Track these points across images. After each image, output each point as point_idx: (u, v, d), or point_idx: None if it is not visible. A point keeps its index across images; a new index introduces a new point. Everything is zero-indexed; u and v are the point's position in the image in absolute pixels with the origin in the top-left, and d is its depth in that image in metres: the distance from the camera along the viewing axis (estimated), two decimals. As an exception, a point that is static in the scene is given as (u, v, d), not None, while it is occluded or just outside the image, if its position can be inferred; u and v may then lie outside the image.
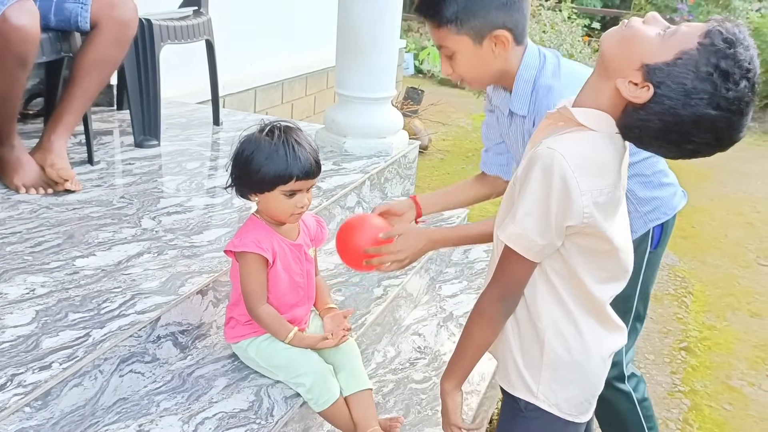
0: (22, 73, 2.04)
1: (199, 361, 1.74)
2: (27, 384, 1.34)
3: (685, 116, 1.04)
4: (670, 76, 1.03)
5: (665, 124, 1.06)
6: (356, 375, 1.70)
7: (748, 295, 3.75)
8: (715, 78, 1.01)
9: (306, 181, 1.56)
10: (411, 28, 10.20)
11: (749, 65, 1.03)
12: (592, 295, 1.23)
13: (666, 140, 1.10)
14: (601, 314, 1.27)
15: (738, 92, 1.02)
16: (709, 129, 1.05)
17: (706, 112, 1.03)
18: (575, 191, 1.09)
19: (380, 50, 2.92)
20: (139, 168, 2.54)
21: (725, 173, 5.93)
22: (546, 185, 1.10)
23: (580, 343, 1.25)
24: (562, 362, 1.25)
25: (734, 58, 1.02)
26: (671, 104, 1.04)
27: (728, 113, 1.03)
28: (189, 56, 3.21)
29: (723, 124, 1.04)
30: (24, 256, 1.80)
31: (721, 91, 1.02)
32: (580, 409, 1.31)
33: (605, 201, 1.13)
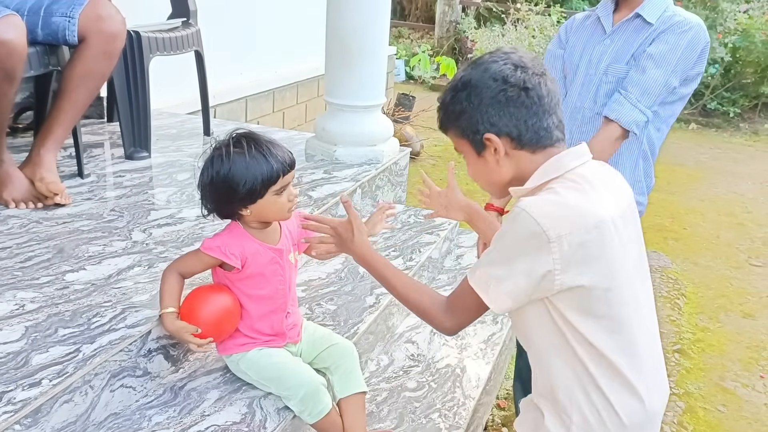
0: (9, 88, 2.03)
1: (191, 374, 1.73)
2: (17, 401, 1.33)
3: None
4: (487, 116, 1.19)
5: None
6: (351, 377, 1.70)
7: (741, 296, 3.77)
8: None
9: (291, 173, 1.58)
10: (402, 35, 10.23)
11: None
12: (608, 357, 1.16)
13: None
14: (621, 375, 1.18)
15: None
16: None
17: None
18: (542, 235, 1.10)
19: (369, 58, 2.93)
20: (130, 180, 2.53)
21: (716, 174, 5.96)
22: (513, 232, 1.14)
23: (609, 412, 1.17)
24: (592, 430, 1.19)
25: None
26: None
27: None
28: (179, 67, 3.21)
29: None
30: (13, 271, 1.79)
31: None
32: None
33: (583, 241, 1.10)
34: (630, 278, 1.17)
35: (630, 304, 1.17)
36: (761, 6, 7.74)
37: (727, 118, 7.67)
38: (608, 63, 1.79)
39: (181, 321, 1.58)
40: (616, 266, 1.13)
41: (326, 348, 1.74)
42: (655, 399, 1.23)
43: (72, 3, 2.21)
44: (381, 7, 2.93)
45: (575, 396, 1.18)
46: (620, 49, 1.78)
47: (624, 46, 1.78)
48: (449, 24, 9.74)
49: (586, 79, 1.83)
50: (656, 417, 1.25)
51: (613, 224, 1.13)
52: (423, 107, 6.74)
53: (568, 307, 1.13)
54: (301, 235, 1.73)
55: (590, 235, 1.09)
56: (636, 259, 1.20)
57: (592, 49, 1.83)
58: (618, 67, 1.78)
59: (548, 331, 1.18)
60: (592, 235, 1.10)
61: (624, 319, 1.16)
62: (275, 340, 1.69)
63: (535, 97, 1.17)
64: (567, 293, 1.12)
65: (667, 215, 4.86)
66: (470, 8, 10.04)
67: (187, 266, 1.64)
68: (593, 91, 1.81)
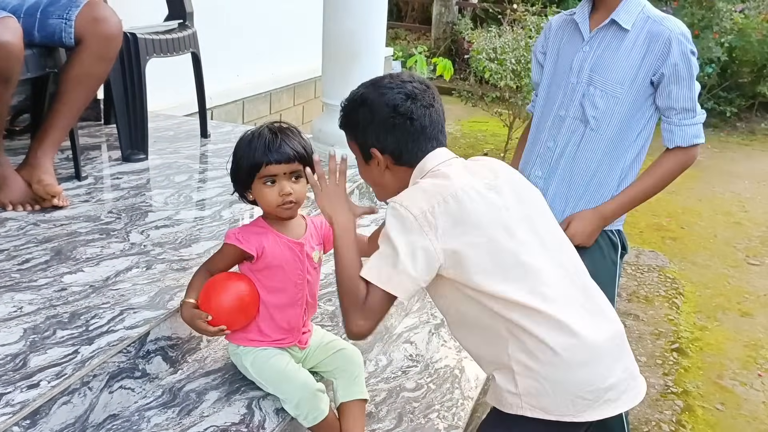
0: (5, 90, 2.03)
1: (190, 375, 1.73)
2: (15, 403, 1.33)
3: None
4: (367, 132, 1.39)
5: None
6: (354, 383, 1.70)
7: (738, 294, 3.78)
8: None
9: (281, 166, 1.56)
10: (398, 36, 10.25)
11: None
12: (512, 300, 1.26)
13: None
14: (547, 314, 1.26)
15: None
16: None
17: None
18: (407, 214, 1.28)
19: (365, 60, 2.93)
20: (127, 182, 2.53)
21: (713, 173, 5.98)
22: (389, 225, 1.31)
23: (542, 349, 1.26)
24: (533, 372, 1.27)
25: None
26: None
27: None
28: (175, 69, 3.21)
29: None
30: (11, 273, 1.79)
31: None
32: (573, 409, 1.27)
33: (444, 210, 1.27)
34: (513, 230, 1.29)
35: (521, 251, 1.28)
36: (757, 5, 7.76)
37: (723, 117, 7.69)
38: (590, 71, 1.79)
39: (195, 309, 1.58)
40: (485, 223, 1.27)
41: (333, 353, 1.74)
42: (592, 331, 1.28)
43: (68, 5, 2.21)
44: (377, 9, 2.94)
45: (509, 348, 1.28)
46: (600, 57, 1.78)
47: (604, 53, 1.78)
48: (445, 25, 9.75)
49: (568, 88, 1.83)
50: (601, 349, 1.29)
51: (472, 190, 1.29)
52: (420, 108, 6.75)
53: (464, 273, 1.27)
54: (328, 233, 1.70)
55: (449, 203, 1.27)
56: (527, 215, 1.34)
57: (572, 56, 1.83)
58: (601, 77, 1.77)
59: (461, 302, 1.31)
60: (450, 203, 1.27)
61: (519, 265, 1.27)
62: (287, 339, 1.68)
63: (418, 127, 1.35)
64: (453, 260, 1.27)
65: (665, 214, 4.87)
66: (467, 9, 10.06)
67: (214, 261, 1.67)
68: (577, 100, 1.81)
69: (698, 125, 1.80)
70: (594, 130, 1.80)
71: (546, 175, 1.87)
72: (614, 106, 1.77)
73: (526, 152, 1.96)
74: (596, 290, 1.38)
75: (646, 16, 1.75)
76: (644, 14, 1.76)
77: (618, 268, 1.88)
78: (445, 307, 1.38)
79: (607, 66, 1.77)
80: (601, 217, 1.82)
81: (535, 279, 1.28)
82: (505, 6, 7.14)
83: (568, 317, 1.27)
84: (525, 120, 5.62)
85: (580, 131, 1.82)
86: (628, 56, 1.75)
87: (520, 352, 1.27)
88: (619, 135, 1.80)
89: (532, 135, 1.95)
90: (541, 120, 1.91)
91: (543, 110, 1.91)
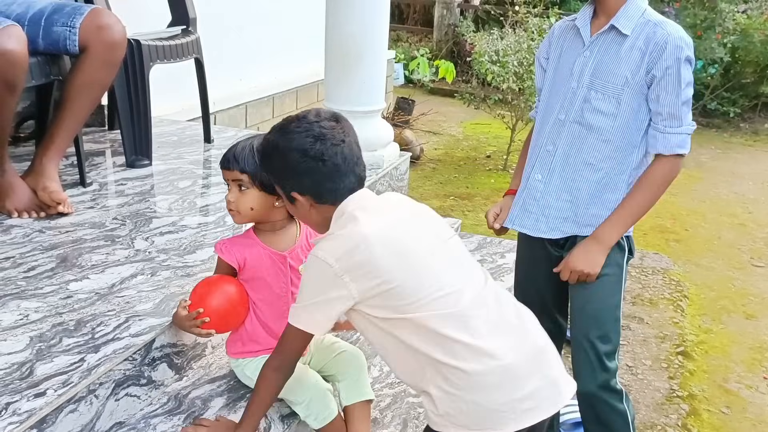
0: (11, 98, 2.04)
1: (195, 382, 1.74)
2: (22, 412, 1.33)
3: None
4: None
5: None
6: (358, 385, 1.71)
7: (743, 297, 3.77)
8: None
9: (224, 171, 1.60)
10: (400, 38, 10.24)
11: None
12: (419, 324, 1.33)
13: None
14: (451, 339, 1.32)
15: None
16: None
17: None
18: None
19: (368, 63, 2.93)
20: (131, 188, 2.54)
21: (716, 175, 5.97)
22: (308, 275, 1.41)
23: (458, 375, 1.32)
24: (450, 395, 1.33)
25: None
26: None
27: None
28: (179, 74, 3.22)
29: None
30: (17, 281, 1.80)
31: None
32: (491, 423, 1.33)
33: (358, 257, 1.32)
34: (419, 269, 1.35)
35: (431, 284, 1.34)
36: (759, 6, 7.74)
37: (727, 118, 7.67)
38: (591, 75, 1.79)
39: (183, 311, 1.61)
40: (393, 267, 1.32)
41: (335, 356, 1.75)
42: (507, 352, 1.34)
43: (73, 13, 2.22)
44: (380, 12, 2.94)
45: (426, 374, 1.35)
46: (600, 61, 1.78)
47: (604, 58, 1.78)
48: (447, 27, 9.75)
49: (568, 92, 1.83)
50: (517, 368, 1.34)
51: (381, 232, 1.35)
52: (422, 111, 6.76)
53: (381, 310, 1.34)
54: None
55: (360, 248, 1.32)
56: (434, 244, 1.41)
57: (573, 61, 1.83)
58: (601, 81, 1.78)
59: (375, 332, 1.38)
60: (361, 248, 1.32)
61: (430, 297, 1.33)
62: None
63: (330, 165, 1.37)
64: (369, 300, 1.34)
65: (668, 216, 4.86)
66: (468, 11, 10.06)
67: (216, 272, 1.70)
68: (578, 104, 1.81)
69: (683, 135, 1.76)
70: (596, 134, 1.80)
71: (545, 179, 1.87)
72: (615, 109, 1.77)
73: (528, 157, 1.96)
74: (512, 305, 1.45)
75: (646, 20, 1.75)
76: (644, 18, 1.76)
77: (624, 272, 1.88)
78: (363, 334, 1.45)
79: (608, 70, 1.77)
80: (597, 242, 1.81)
81: (447, 308, 1.33)
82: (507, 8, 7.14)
83: (483, 342, 1.33)
84: (528, 122, 5.62)
85: (580, 135, 1.82)
86: (627, 60, 1.75)
87: (437, 377, 1.33)
88: (623, 138, 1.79)
89: (533, 139, 1.96)
90: (542, 124, 1.92)
91: (544, 114, 1.91)
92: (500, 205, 2.02)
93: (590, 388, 1.87)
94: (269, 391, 1.50)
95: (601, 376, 1.86)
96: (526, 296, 2.05)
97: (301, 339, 1.44)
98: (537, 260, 1.97)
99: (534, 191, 1.88)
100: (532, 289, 2.00)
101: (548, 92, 1.91)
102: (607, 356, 1.85)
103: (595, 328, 1.86)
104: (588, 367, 1.87)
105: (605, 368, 1.85)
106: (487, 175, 5.65)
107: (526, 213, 1.91)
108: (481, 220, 4.40)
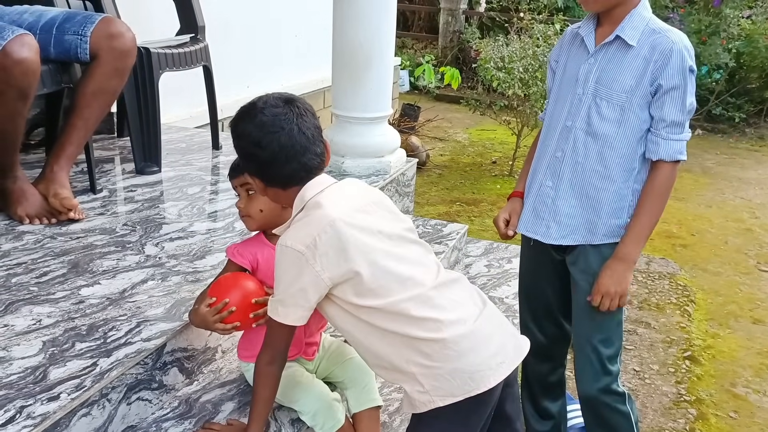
0: (23, 106, 2.06)
1: (206, 386, 1.75)
2: (36, 415, 1.35)
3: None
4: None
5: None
6: (366, 391, 1.72)
7: (750, 301, 3.76)
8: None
9: (232, 181, 1.66)
10: (405, 45, 10.29)
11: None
12: (387, 310, 1.38)
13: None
14: (419, 313, 1.38)
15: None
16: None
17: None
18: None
19: (375, 70, 2.95)
20: (141, 195, 2.56)
21: (723, 180, 5.96)
22: (280, 264, 1.42)
23: (434, 348, 1.38)
24: (432, 368, 1.39)
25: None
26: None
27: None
28: (187, 81, 3.24)
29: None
30: (30, 286, 1.82)
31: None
32: (474, 384, 1.39)
33: (326, 239, 1.36)
34: (387, 248, 1.41)
35: (398, 266, 1.40)
36: (764, 11, 7.75)
37: (732, 123, 7.67)
38: (595, 83, 1.80)
39: (205, 308, 1.59)
40: (361, 247, 1.38)
41: (342, 363, 1.76)
42: (471, 319, 1.43)
43: (84, 21, 2.24)
44: (387, 20, 2.96)
45: (402, 353, 1.40)
46: (605, 69, 1.79)
47: (609, 66, 1.79)
48: (452, 34, 9.79)
49: (574, 98, 1.84)
50: (482, 331, 1.43)
51: (347, 216, 1.39)
52: (428, 117, 6.78)
53: (352, 295, 1.38)
54: None
55: (327, 233, 1.36)
56: (393, 227, 1.47)
57: (577, 68, 1.84)
58: (606, 89, 1.78)
59: (347, 319, 1.42)
60: (329, 232, 1.36)
61: (399, 279, 1.39)
62: (291, 351, 1.69)
63: (268, 153, 1.42)
64: (340, 286, 1.38)
65: (675, 222, 4.86)
66: (473, 18, 10.10)
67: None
68: (584, 111, 1.82)
69: (683, 142, 1.78)
70: (601, 141, 1.81)
71: (555, 185, 1.87)
72: (621, 116, 1.78)
73: (535, 161, 1.97)
74: (461, 279, 1.52)
75: (651, 29, 1.76)
76: (649, 27, 1.76)
77: None
78: (339, 327, 1.47)
79: (612, 78, 1.78)
80: (621, 262, 1.80)
81: (415, 288, 1.40)
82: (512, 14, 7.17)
83: (450, 314, 1.41)
84: (533, 128, 5.63)
85: (588, 142, 1.82)
86: (631, 68, 1.75)
87: (415, 354, 1.39)
88: (628, 145, 1.80)
89: (541, 144, 1.96)
90: (549, 130, 1.92)
91: (551, 120, 1.92)
92: (508, 210, 2.02)
93: (592, 392, 1.87)
94: (268, 386, 1.52)
95: (603, 379, 1.86)
96: (531, 301, 2.06)
97: (285, 331, 1.46)
98: (541, 265, 1.97)
99: (545, 197, 1.88)
100: (537, 294, 2.01)
101: (555, 97, 1.92)
102: (609, 360, 1.86)
103: (597, 332, 1.86)
104: (590, 371, 1.87)
105: (607, 372, 1.86)
106: (493, 181, 5.66)
107: (538, 219, 1.90)
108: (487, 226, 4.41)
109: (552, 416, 2.13)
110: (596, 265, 1.83)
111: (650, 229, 1.83)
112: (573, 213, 1.85)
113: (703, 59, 7.23)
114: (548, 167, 1.89)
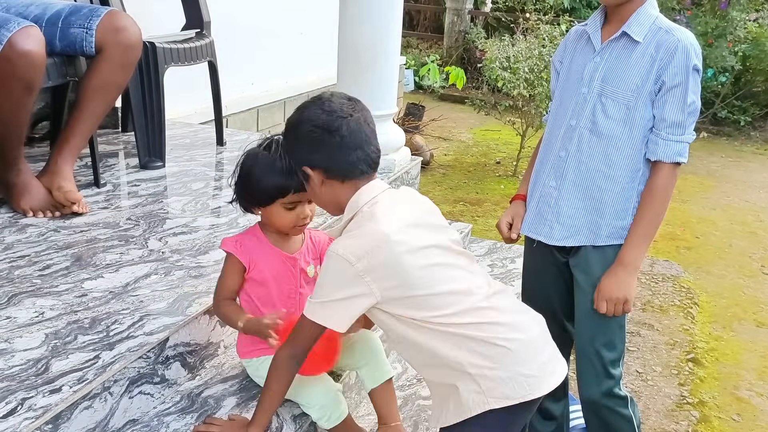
0: (28, 98, 2.06)
1: (208, 381, 1.75)
2: (37, 408, 1.35)
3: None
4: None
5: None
6: (378, 365, 1.73)
7: (754, 304, 3.75)
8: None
9: (304, 193, 1.57)
10: (410, 45, 10.28)
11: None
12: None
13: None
14: (479, 312, 1.41)
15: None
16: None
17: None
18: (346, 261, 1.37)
19: (381, 68, 2.95)
20: (145, 189, 2.56)
21: (727, 182, 5.94)
22: (328, 271, 1.41)
23: (496, 350, 1.40)
24: (491, 369, 1.39)
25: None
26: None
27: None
28: (192, 77, 3.24)
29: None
30: (33, 279, 1.82)
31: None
32: (528, 389, 1.39)
33: (380, 256, 1.36)
34: (441, 262, 1.41)
35: (452, 279, 1.41)
36: (771, 15, 7.72)
37: (737, 126, 7.65)
38: (601, 81, 1.78)
39: (260, 318, 1.59)
40: (414, 263, 1.37)
41: (349, 345, 1.73)
42: (527, 326, 1.47)
43: (90, 14, 2.24)
44: (393, 19, 2.96)
45: (458, 355, 1.39)
46: (611, 67, 1.78)
47: (615, 64, 1.77)
48: (458, 34, 9.78)
49: (579, 98, 1.82)
50: (537, 338, 1.48)
51: (400, 233, 1.38)
52: (432, 116, 6.77)
53: (407, 309, 1.39)
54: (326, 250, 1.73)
55: (381, 249, 1.35)
56: (444, 239, 1.46)
57: (583, 67, 1.82)
58: (612, 88, 1.77)
59: (400, 326, 1.41)
60: (383, 248, 1.35)
61: (453, 292, 1.40)
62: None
63: (337, 137, 1.41)
64: (392, 301, 1.38)
65: (679, 224, 4.84)
66: (479, 18, 10.08)
67: (224, 281, 1.67)
68: (588, 110, 1.80)
69: (684, 144, 1.76)
70: (606, 140, 1.79)
71: (558, 186, 1.86)
72: (627, 115, 1.77)
73: (538, 162, 1.96)
74: (507, 288, 1.56)
75: (657, 27, 1.75)
76: (656, 25, 1.75)
77: None
78: (389, 329, 1.46)
79: (618, 76, 1.77)
80: (624, 266, 1.78)
81: (470, 297, 1.41)
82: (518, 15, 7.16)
83: (508, 320, 1.43)
84: (538, 129, 5.62)
85: (591, 141, 1.81)
86: (638, 66, 1.74)
87: (477, 357, 1.39)
88: (632, 145, 1.78)
89: (545, 144, 1.94)
90: (553, 129, 1.91)
91: (555, 120, 1.91)
92: (511, 213, 2.00)
93: (594, 396, 1.86)
94: (282, 380, 1.51)
95: (605, 383, 1.85)
96: (534, 303, 2.03)
97: (315, 331, 1.45)
98: (544, 266, 1.95)
99: (548, 198, 1.87)
100: (540, 296, 1.99)
101: (559, 97, 1.91)
102: (611, 364, 1.85)
103: (599, 335, 1.85)
104: (592, 375, 1.86)
105: (610, 375, 1.85)
106: (497, 181, 5.65)
107: (541, 220, 1.89)
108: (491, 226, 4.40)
109: (554, 417, 2.12)
110: (599, 266, 1.82)
111: (652, 233, 1.80)
112: (576, 214, 1.84)
113: (709, 62, 7.20)
114: (552, 167, 1.87)
